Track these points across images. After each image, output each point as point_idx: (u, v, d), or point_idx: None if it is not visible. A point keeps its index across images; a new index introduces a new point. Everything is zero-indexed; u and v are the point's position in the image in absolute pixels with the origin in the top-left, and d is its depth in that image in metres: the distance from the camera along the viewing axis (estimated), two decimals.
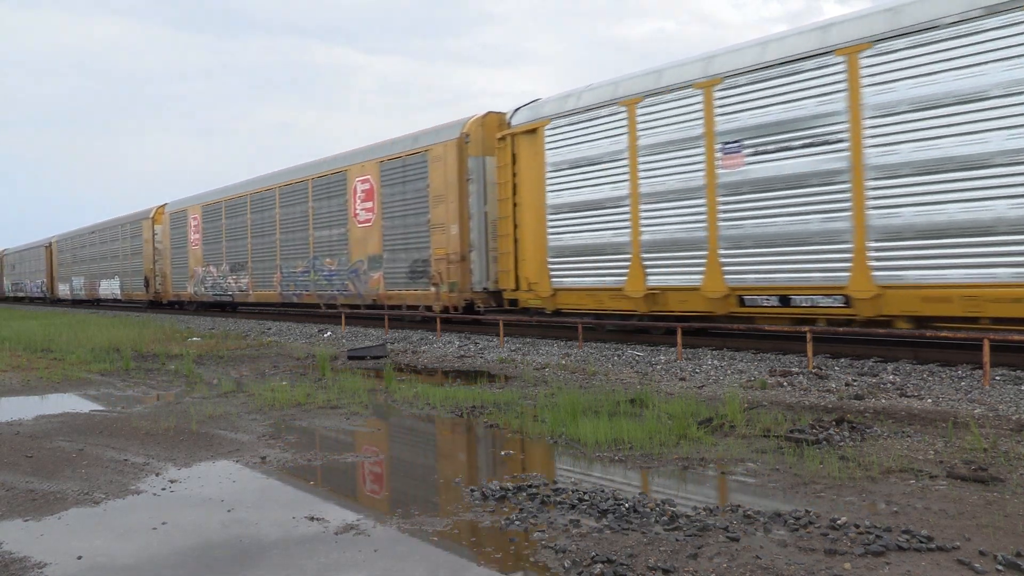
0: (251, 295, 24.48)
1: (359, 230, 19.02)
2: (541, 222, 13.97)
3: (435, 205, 16.39)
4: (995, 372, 8.40)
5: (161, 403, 8.70)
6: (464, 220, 15.72)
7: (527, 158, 14.33)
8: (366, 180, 18.86)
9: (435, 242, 16.37)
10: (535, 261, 14.12)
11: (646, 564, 3.57)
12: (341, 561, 3.79)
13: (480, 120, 15.88)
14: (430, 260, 16.45)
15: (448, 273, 15.87)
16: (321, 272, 20.64)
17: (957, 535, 3.84)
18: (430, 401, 8.23)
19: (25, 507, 4.86)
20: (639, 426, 6.34)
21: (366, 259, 18.72)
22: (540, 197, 13.98)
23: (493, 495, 4.75)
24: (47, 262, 47.98)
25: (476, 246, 15.58)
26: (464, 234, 15.71)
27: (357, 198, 19.16)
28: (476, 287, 15.55)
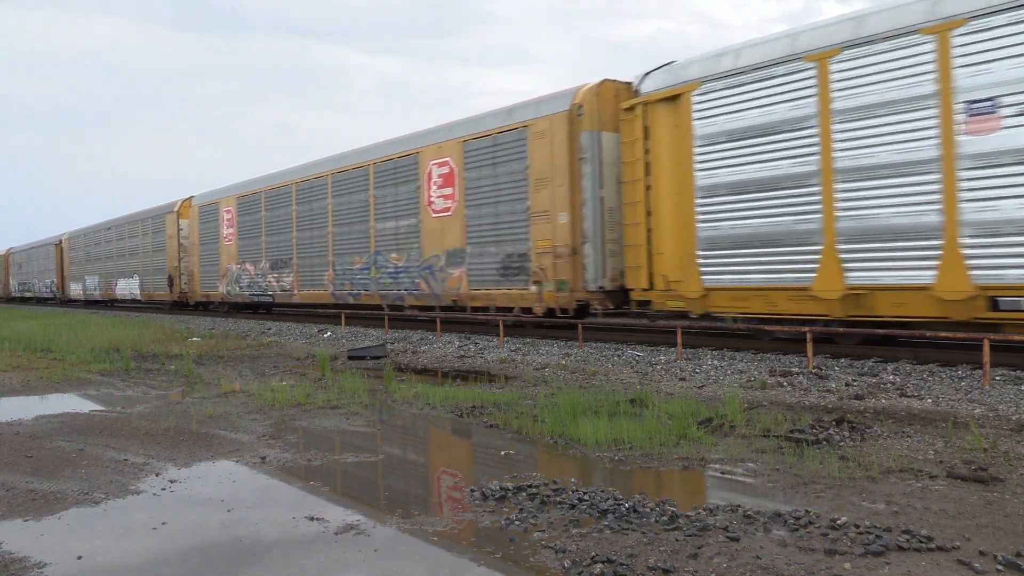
0: (296, 295, 21.90)
1: (434, 221, 16.55)
2: (686, 208, 11.60)
3: (536, 190, 13.95)
4: (995, 372, 8.41)
5: (161, 403, 8.70)
6: (576, 207, 13.25)
7: (665, 130, 11.94)
8: (444, 163, 16.30)
9: (536, 233, 13.92)
10: (677, 255, 11.79)
11: (646, 564, 3.57)
12: (341, 561, 3.79)
13: (595, 89, 13.35)
14: (529, 254, 14.04)
15: (554, 269, 13.46)
16: (385, 269, 18.13)
17: (957, 535, 3.84)
18: (430, 401, 8.23)
19: (25, 507, 4.86)
20: (639, 426, 6.34)
21: (443, 254, 16.25)
22: (685, 177, 11.59)
23: (493, 495, 4.75)
24: (57, 260, 45.51)
25: (590, 237, 13.09)
26: (576, 223, 13.26)
27: (432, 184, 16.63)
28: (590, 285, 13.10)
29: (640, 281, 12.39)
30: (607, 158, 13.28)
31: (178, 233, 29.25)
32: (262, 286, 23.78)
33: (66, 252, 44.18)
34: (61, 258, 44.93)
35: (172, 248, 29.72)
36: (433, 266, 16.65)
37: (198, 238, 28.08)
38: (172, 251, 29.72)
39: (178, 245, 29.29)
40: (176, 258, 29.46)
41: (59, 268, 45.36)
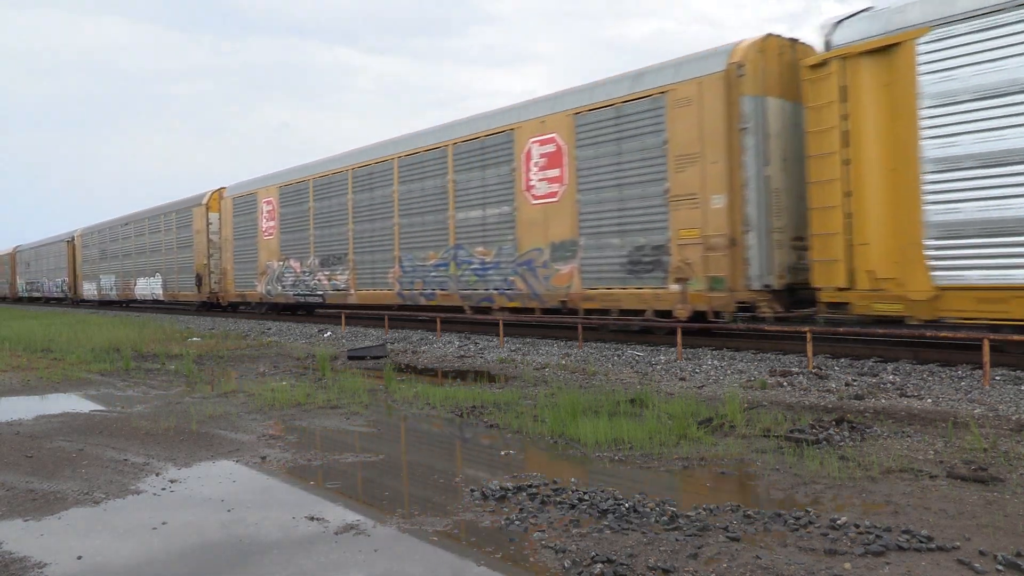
0: (352, 295, 19.29)
1: (535, 209, 14.14)
2: (906, 186, 9.29)
3: (679, 169, 11.72)
4: (995, 372, 8.41)
5: (161, 403, 8.70)
6: (736, 188, 11.00)
7: (872, 90, 9.68)
8: (549, 140, 13.88)
9: (678, 220, 11.71)
10: (890, 245, 9.49)
11: (646, 564, 3.57)
12: (341, 561, 3.79)
13: (758, 44, 11.17)
14: (667, 246, 11.83)
15: (705, 264, 11.34)
16: (468, 265, 15.68)
17: (957, 535, 3.84)
18: (430, 401, 8.24)
19: (25, 507, 4.86)
20: (639, 426, 6.34)
21: (547, 247, 13.86)
22: (905, 148, 9.30)
23: (493, 495, 4.75)
24: (69, 258, 42.43)
25: (754, 225, 10.89)
26: (736, 208, 11.00)
27: (532, 165, 14.26)
28: (754, 283, 10.88)
29: (835, 278, 9.92)
30: (772, 128, 11.09)
31: (207, 228, 26.52)
32: (310, 285, 21.03)
33: (79, 249, 41.19)
34: (73, 256, 42.05)
35: (200, 244, 27.00)
36: (533, 261, 14.25)
37: (231, 233, 25.33)
38: (200, 247, 27.02)
39: (207, 241, 26.53)
40: (205, 255, 26.74)
41: (71, 266, 42.49)
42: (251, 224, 24.21)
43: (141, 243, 32.94)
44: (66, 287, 43.19)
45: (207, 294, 26.83)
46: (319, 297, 20.78)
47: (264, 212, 23.51)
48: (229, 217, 25.60)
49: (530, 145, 14.40)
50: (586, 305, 13.23)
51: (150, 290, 31.86)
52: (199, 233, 27.11)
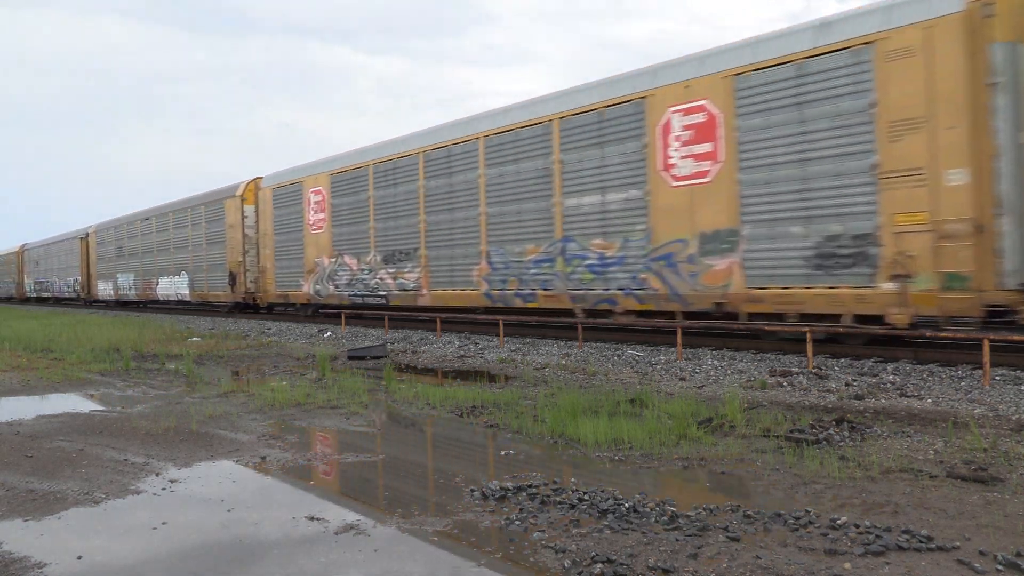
0: (424, 295, 16.64)
1: (675, 192, 11.82)
2: None
3: (894, 137, 9.42)
4: (995, 372, 8.41)
5: (161, 403, 8.70)
6: (983, 160, 8.74)
7: None
8: (697, 108, 11.62)
9: (893, 202, 9.40)
10: None
11: (646, 564, 3.57)
12: (341, 561, 3.79)
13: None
14: (877, 235, 9.52)
15: (937, 257, 9.02)
16: (582, 261, 13.22)
17: (957, 535, 3.84)
18: (430, 401, 8.24)
19: (25, 507, 4.86)
20: (639, 426, 6.34)
21: (693, 238, 11.59)
22: None
23: (493, 495, 4.75)
24: (83, 256, 39.29)
25: (1010, 207, 8.72)
26: (983, 186, 8.76)
27: (671, 140, 11.97)
28: (1009, 281, 8.71)
29: None
30: None
31: (242, 221, 23.72)
32: (370, 285, 18.31)
33: (93, 247, 37.98)
34: (87, 253, 38.80)
35: (234, 239, 24.17)
36: (674, 255, 11.92)
37: (271, 227, 22.61)
38: (234, 243, 24.17)
39: (242, 236, 23.75)
40: (240, 251, 23.89)
41: (84, 265, 39.25)
42: (295, 217, 21.46)
43: (164, 239, 29.84)
44: (78, 287, 40.14)
45: (242, 294, 24.09)
46: (380, 298, 18.13)
47: (312, 203, 20.74)
48: (268, 209, 22.77)
49: (669, 115, 12.04)
50: (751, 308, 10.91)
51: (174, 290, 28.96)
52: (233, 228, 24.29)
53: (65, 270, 42.79)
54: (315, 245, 20.64)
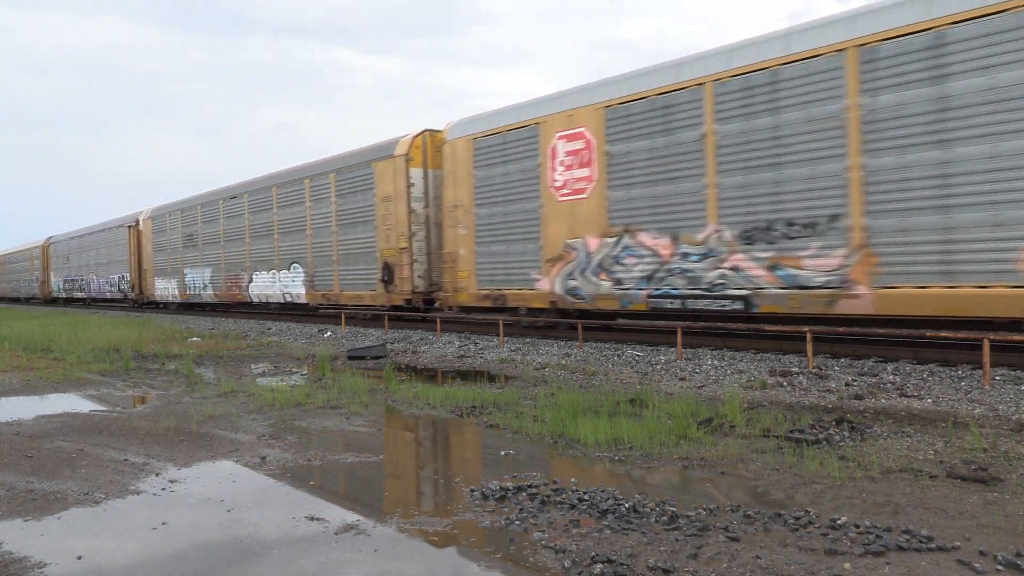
0: (860, 295, 9.61)
1: None
2: None
3: None
4: (995, 372, 8.40)
5: (161, 403, 8.70)
6: None
7: None
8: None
9: None
10: None
11: (646, 564, 3.57)
12: (341, 561, 3.79)
13: None
14: None
15: None
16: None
17: (957, 535, 3.84)
18: (430, 401, 8.24)
19: (25, 507, 4.86)
20: (639, 426, 6.34)
21: None
22: None
23: (493, 495, 4.75)
24: (132, 248, 32.47)
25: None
26: None
27: None
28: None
29: None
30: None
31: (407, 191, 16.92)
32: (705, 278, 11.39)
33: (148, 236, 31.24)
34: (139, 244, 32.15)
35: (392, 217, 17.33)
36: None
37: (469, 195, 15.42)
38: (393, 222, 17.32)
39: (407, 211, 16.97)
40: (402, 233, 17.03)
41: (135, 258, 32.41)
42: (522, 177, 14.27)
43: (264, 221, 22.74)
44: (127, 285, 32.99)
45: (407, 293, 17.10)
46: (735, 300, 11.03)
47: (560, 154, 13.64)
48: (463, 171, 15.56)
49: None
50: None
51: (280, 288, 21.97)
52: (389, 201, 17.45)
53: (106, 266, 35.53)
54: (565, 218, 13.59)
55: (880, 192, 9.41)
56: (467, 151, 15.59)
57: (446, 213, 16.16)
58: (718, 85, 11.20)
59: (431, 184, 17.12)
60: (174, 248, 29.01)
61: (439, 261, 16.71)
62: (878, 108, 9.42)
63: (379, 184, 17.89)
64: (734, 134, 10.99)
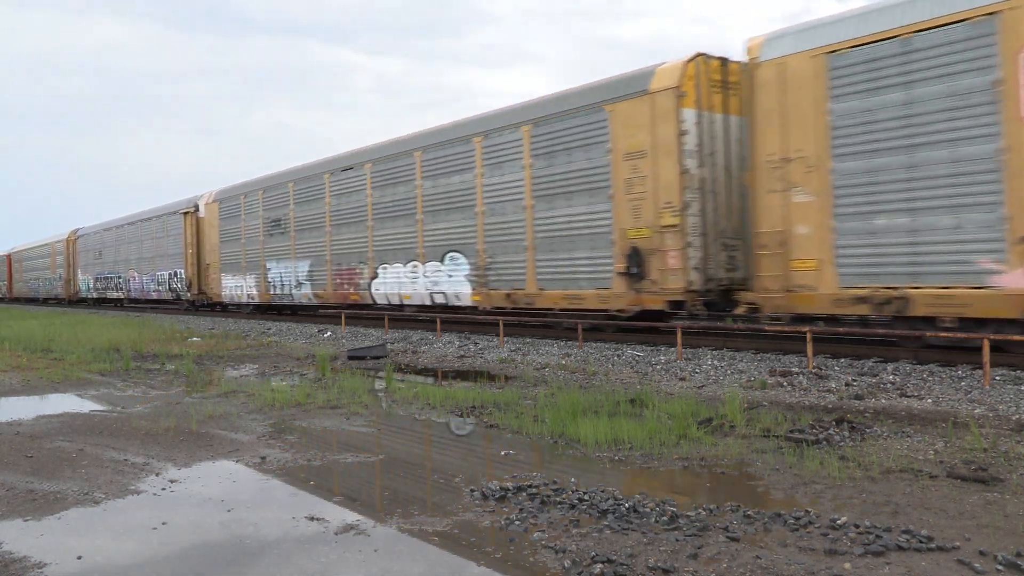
0: None
1: None
2: None
3: None
4: (995, 372, 8.40)
5: (161, 403, 8.70)
6: None
7: None
8: None
9: None
10: None
11: (646, 564, 3.57)
12: (341, 561, 3.79)
13: None
14: None
15: None
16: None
17: (957, 535, 3.84)
18: (430, 401, 8.24)
19: (25, 507, 4.86)
20: (639, 426, 6.34)
21: None
22: None
23: (493, 495, 4.75)
24: (189, 238, 27.16)
25: None
26: None
27: None
28: None
29: None
30: None
31: (678, 142, 11.55)
32: None
33: (209, 225, 26.15)
34: (198, 233, 26.86)
35: (652, 179, 11.97)
36: None
37: (817, 142, 9.95)
38: (653, 187, 11.96)
39: (678, 171, 11.56)
40: (669, 204, 11.72)
41: (191, 252, 27.12)
42: (946, 107, 8.85)
43: (398, 197, 17.24)
44: (183, 284, 27.61)
45: (672, 292, 11.73)
46: None
47: None
48: (806, 104, 10.09)
49: None
50: None
51: (424, 286, 16.44)
52: (638, 157, 12.13)
53: (151, 261, 30.32)
54: None
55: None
56: (813, 74, 10.05)
57: (761, 172, 10.58)
58: None
59: (706, 133, 11.69)
60: (251, 237, 23.31)
61: (718, 246, 11.76)
62: None
63: (619, 135, 12.30)
64: None
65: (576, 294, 13.13)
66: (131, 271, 32.40)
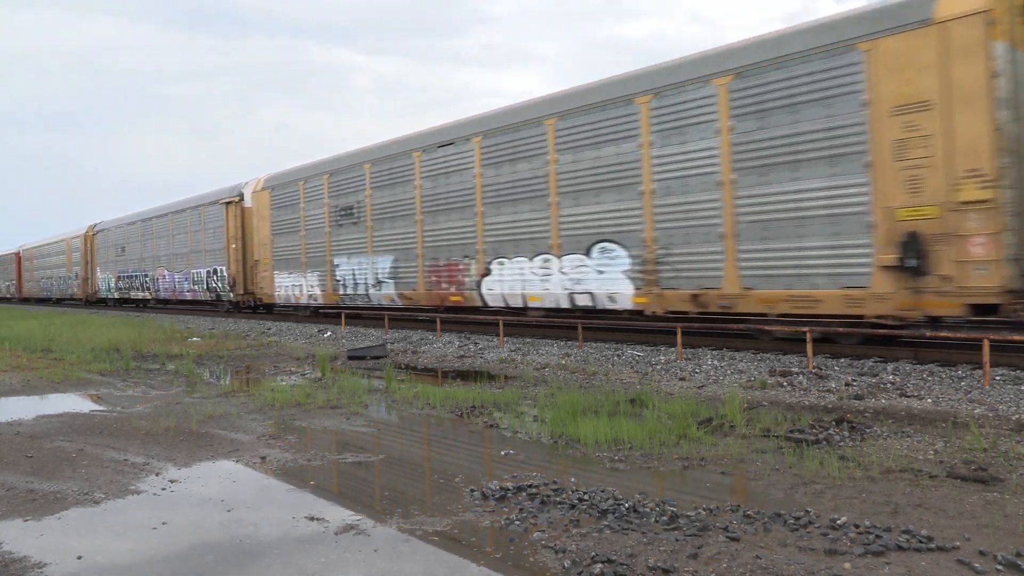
0: None
1: None
2: None
3: None
4: (995, 372, 8.40)
5: (161, 403, 8.70)
6: None
7: None
8: None
9: None
10: None
11: (646, 564, 3.57)
12: (341, 561, 3.79)
13: None
14: None
15: None
16: None
17: (957, 535, 3.84)
18: (430, 401, 8.24)
19: (25, 507, 4.86)
20: (639, 426, 6.34)
21: None
22: None
23: (493, 495, 4.75)
24: (232, 233, 23.78)
25: None
26: None
27: None
28: None
29: None
30: None
31: (987, 86, 8.38)
32: None
33: (260, 213, 22.40)
34: (243, 227, 23.57)
35: (943, 138, 8.71)
36: None
37: None
38: (943, 150, 8.71)
39: (990, 127, 8.36)
40: (977, 171, 8.43)
41: (236, 247, 23.74)
42: None
43: (520, 177, 14.11)
44: (224, 283, 24.50)
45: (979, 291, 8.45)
46: None
47: None
48: None
49: None
50: None
51: (560, 284, 13.30)
52: (917, 110, 8.98)
53: (185, 257, 27.05)
54: None
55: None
56: None
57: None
58: None
59: (1022, 76, 8.74)
60: (313, 228, 20.02)
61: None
62: None
63: (883, 81, 9.26)
64: None
65: (807, 295, 10.07)
66: (160, 269, 29.00)
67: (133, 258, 31.99)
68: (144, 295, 30.40)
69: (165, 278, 28.51)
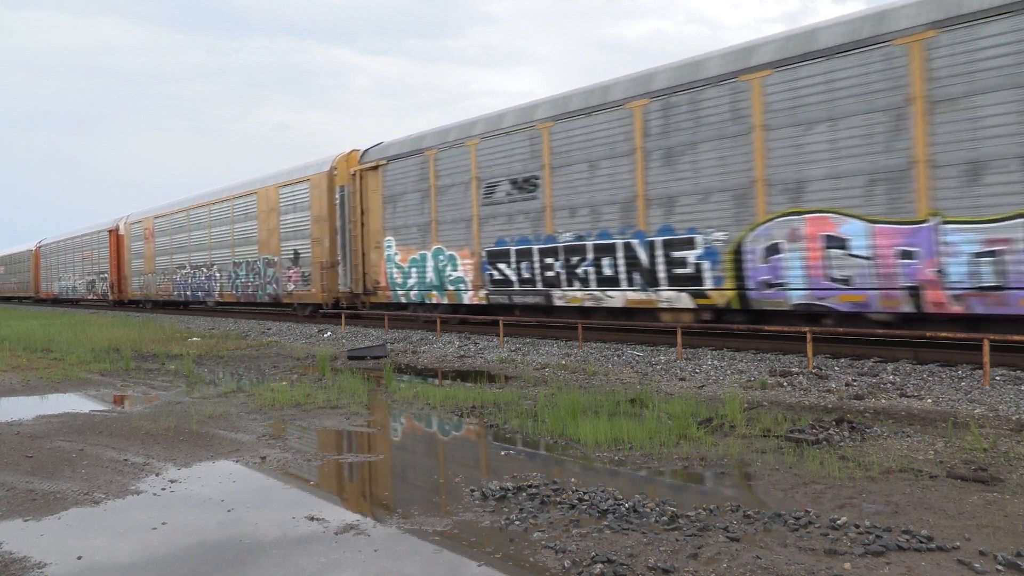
0: None
1: None
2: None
3: None
4: (995, 372, 8.40)
5: (161, 403, 8.70)
6: None
7: None
8: None
9: None
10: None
11: (646, 564, 3.57)
12: (341, 561, 3.79)
13: None
14: None
15: None
16: None
17: (957, 535, 3.84)
18: (430, 401, 8.23)
19: (25, 507, 4.86)
20: (639, 426, 6.34)
21: None
22: None
23: (493, 495, 4.75)
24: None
25: None
26: None
27: None
28: None
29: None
30: None
31: None
32: None
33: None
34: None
35: None
36: None
37: None
38: None
39: None
40: None
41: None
42: None
43: None
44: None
45: None
46: None
47: None
48: None
49: None
50: None
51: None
52: None
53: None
54: None
55: None
56: None
57: None
58: None
59: None
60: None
61: None
62: None
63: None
64: None
65: None
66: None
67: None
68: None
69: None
